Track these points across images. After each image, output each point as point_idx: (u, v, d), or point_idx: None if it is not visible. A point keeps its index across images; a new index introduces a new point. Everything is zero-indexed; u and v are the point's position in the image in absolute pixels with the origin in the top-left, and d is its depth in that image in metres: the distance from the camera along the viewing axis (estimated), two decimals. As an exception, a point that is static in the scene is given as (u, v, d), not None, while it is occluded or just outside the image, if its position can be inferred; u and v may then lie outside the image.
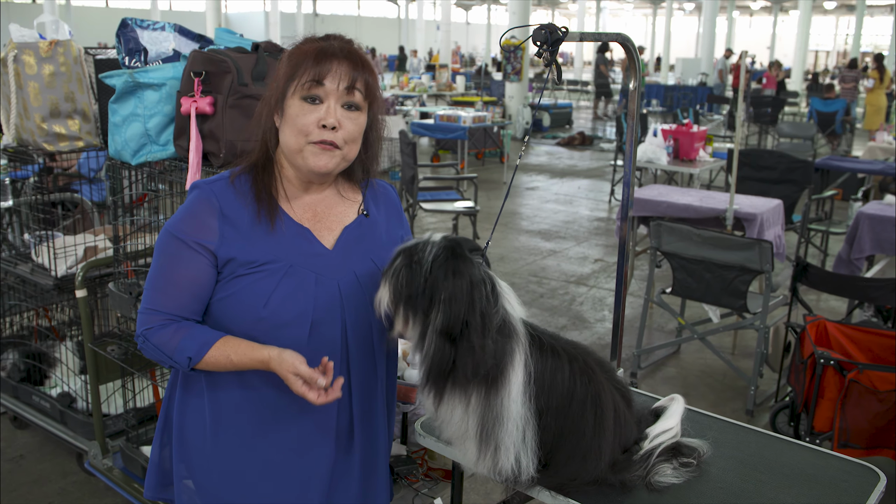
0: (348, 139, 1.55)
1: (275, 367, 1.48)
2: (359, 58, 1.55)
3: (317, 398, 1.46)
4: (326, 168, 1.55)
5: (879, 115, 12.94)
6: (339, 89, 1.52)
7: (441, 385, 1.48)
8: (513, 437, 1.48)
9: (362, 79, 1.54)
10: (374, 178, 1.74)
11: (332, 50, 1.53)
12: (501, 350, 1.46)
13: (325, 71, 1.51)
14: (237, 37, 2.49)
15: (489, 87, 16.81)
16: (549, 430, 1.52)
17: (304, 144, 1.52)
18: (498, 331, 1.46)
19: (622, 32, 1.92)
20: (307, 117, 1.51)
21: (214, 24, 18.90)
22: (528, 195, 9.75)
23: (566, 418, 1.52)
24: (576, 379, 1.53)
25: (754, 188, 5.92)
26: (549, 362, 1.52)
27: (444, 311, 1.42)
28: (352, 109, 1.54)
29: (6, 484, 3.23)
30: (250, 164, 1.61)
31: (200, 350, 1.51)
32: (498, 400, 1.47)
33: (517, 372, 1.48)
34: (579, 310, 5.57)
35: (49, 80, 2.76)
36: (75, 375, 3.38)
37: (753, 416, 3.99)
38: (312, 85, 1.51)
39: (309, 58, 1.52)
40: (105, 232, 3.31)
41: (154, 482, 1.74)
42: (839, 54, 46.68)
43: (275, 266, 1.54)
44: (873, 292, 3.57)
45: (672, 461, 1.64)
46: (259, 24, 34.34)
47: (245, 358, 1.50)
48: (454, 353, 1.43)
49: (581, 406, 1.52)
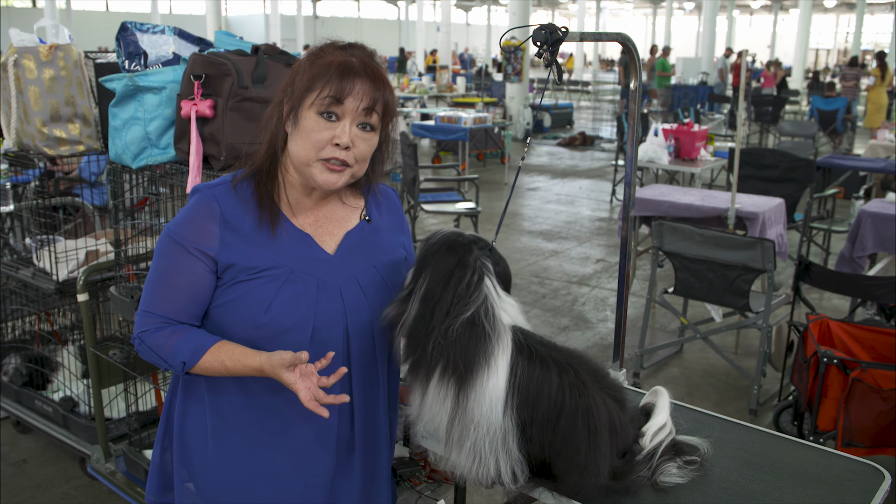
0: (359, 158, 1.53)
1: (267, 369, 1.46)
2: (381, 77, 1.52)
3: (308, 400, 1.43)
4: (334, 186, 1.53)
5: (881, 112, 12.90)
6: (358, 110, 1.49)
7: (416, 368, 1.49)
8: (493, 444, 1.46)
9: (382, 100, 1.52)
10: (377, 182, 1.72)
11: (356, 67, 1.49)
12: (473, 347, 1.44)
13: (347, 90, 1.48)
14: (237, 39, 2.49)
15: (490, 88, 16.82)
16: (536, 443, 1.49)
17: (314, 160, 1.51)
18: (471, 324, 1.44)
19: (622, 32, 1.92)
20: (321, 133, 1.49)
21: (215, 27, 18.93)
22: (530, 196, 9.75)
23: (554, 433, 1.49)
24: (565, 392, 1.48)
25: (756, 187, 5.92)
26: (537, 372, 1.48)
27: (428, 278, 1.47)
28: (366, 130, 1.52)
29: (9, 488, 3.23)
30: (254, 169, 1.59)
31: (195, 355, 1.51)
32: (469, 402, 1.45)
33: (495, 375, 1.45)
34: (581, 310, 5.56)
35: (49, 84, 2.76)
36: (77, 379, 3.38)
37: (757, 415, 3.98)
38: (332, 102, 1.48)
39: (332, 72, 1.48)
40: (106, 236, 3.31)
41: (155, 486, 1.74)
42: (840, 52, 46.67)
43: (276, 272, 1.53)
44: (876, 290, 3.56)
45: (676, 460, 1.63)
46: (259, 26, 34.37)
47: (239, 364, 1.49)
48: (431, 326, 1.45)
49: (571, 420, 1.48)
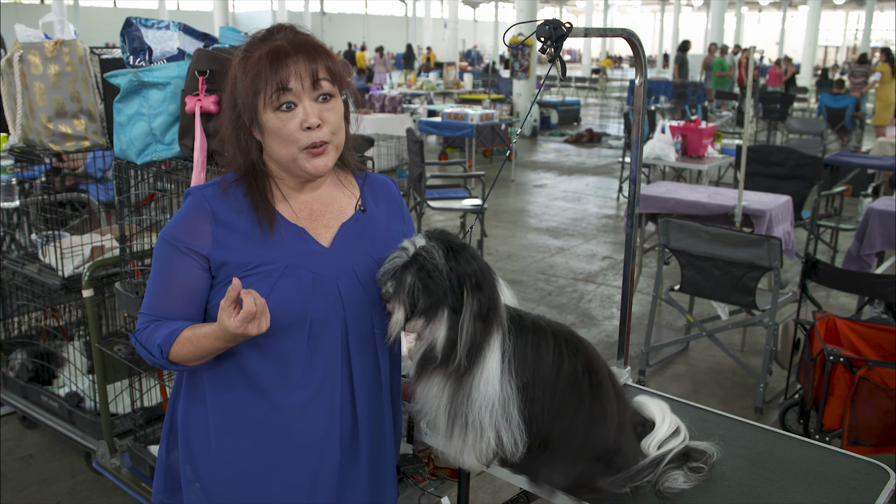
0: (334, 129, 1.52)
1: (226, 329, 1.38)
2: (312, 47, 1.49)
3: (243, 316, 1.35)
4: (326, 168, 1.53)
5: (889, 110, 12.66)
6: (305, 87, 1.47)
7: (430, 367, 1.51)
8: (493, 415, 1.48)
9: (323, 67, 1.49)
10: (355, 163, 1.71)
11: (284, 49, 1.47)
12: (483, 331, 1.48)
13: (285, 75, 1.45)
14: (242, 35, 2.48)
15: (497, 84, 16.80)
16: (538, 402, 1.51)
17: (297, 153, 1.50)
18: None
19: (627, 28, 1.91)
20: (289, 125, 1.48)
21: (222, 23, 18.91)
22: (537, 193, 9.74)
23: (556, 388, 1.51)
24: (562, 349, 1.53)
25: (763, 184, 5.89)
26: (531, 336, 1.52)
27: (479, 296, 1.46)
28: (326, 100, 1.51)
29: (15, 483, 3.24)
30: (240, 175, 1.58)
31: (168, 339, 1.49)
32: (471, 380, 1.48)
33: (493, 351, 1.48)
34: (587, 307, 5.55)
35: (55, 79, 2.76)
36: (83, 375, 3.39)
37: (763, 413, 3.96)
38: (280, 94, 1.46)
39: (264, 66, 1.46)
40: (112, 232, 3.31)
41: (162, 486, 1.73)
42: (849, 49, 46.42)
43: (270, 268, 1.52)
44: (883, 289, 3.54)
45: (682, 467, 1.61)
46: (267, 23, 33.66)
47: (201, 336, 1.46)
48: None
49: (572, 373, 1.52)
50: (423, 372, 1.53)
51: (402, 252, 1.49)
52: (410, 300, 1.47)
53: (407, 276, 1.47)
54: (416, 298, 1.46)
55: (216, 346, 1.47)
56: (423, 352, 1.52)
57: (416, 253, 1.48)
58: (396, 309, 1.48)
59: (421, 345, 1.53)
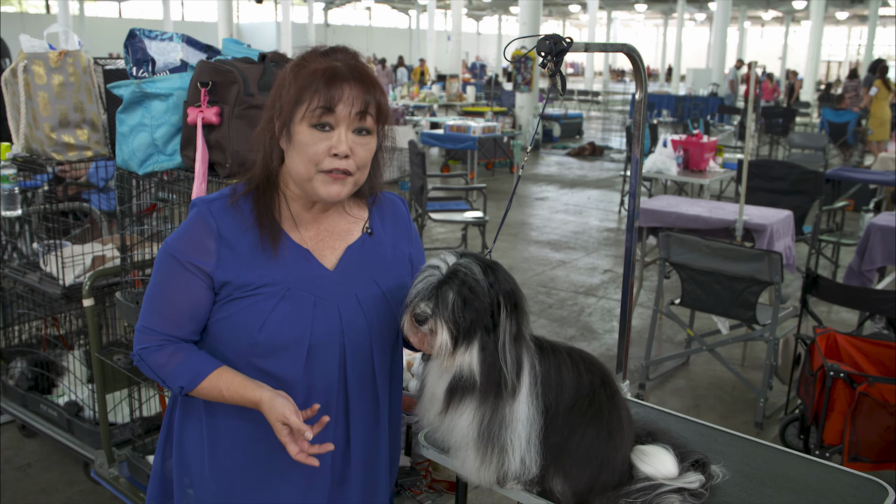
0: (360, 165, 1.49)
1: (265, 410, 1.45)
2: (369, 78, 1.46)
3: (296, 453, 1.42)
4: (338, 197, 1.49)
5: (884, 127, 12.28)
6: (352, 115, 1.44)
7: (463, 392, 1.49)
8: (521, 439, 1.48)
9: (374, 102, 1.46)
10: (381, 191, 1.68)
11: (342, 72, 1.44)
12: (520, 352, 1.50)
13: (336, 97, 1.42)
14: (244, 47, 2.50)
15: (499, 97, 16.84)
16: (558, 420, 1.52)
17: (315, 173, 1.46)
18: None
19: (627, 43, 1.92)
20: (318, 146, 1.44)
21: (226, 34, 19.02)
22: (538, 205, 9.75)
23: (576, 405, 1.53)
24: (580, 368, 1.56)
25: (765, 199, 5.89)
26: (551, 356, 1.53)
27: (517, 316, 1.46)
28: (363, 134, 1.47)
29: (13, 492, 3.23)
30: (252, 186, 1.55)
31: (193, 381, 1.50)
32: (507, 404, 1.47)
33: (525, 373, 1.49)
34: (588, 320, 5.55)
35: (58, 90, 2.78)
36: (83, 384, 3.39)
37: (763, 428, 3.95)
38: (323, 112, 1.43)
39: (318, 80, 1.43)
40: (113, 241, 3.32)
41: (156, 493, 1.73)
42: (851, 64, 46.52)
43: (272, 289, 1.50)
44: (884, 304, 3.54)
45: (682, 493, 1.58)
46: (271, 34, 34.56)
47: (237, 396, 1.48)
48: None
49: (590, 388, 1.54)
50: (454, 400, 1.48)
51: (434, 270, 1.44)
52: (454, 318, 1.39)
53: (448, 292, 1.40)
54: (458, 317, 1.39)
55: (243, 405, 1.49)
56: (451, 381, 1.46)
57: (453, 269, 1.42)
58: (439, 329, 1.40)
59: (445, 372, 1.47)
